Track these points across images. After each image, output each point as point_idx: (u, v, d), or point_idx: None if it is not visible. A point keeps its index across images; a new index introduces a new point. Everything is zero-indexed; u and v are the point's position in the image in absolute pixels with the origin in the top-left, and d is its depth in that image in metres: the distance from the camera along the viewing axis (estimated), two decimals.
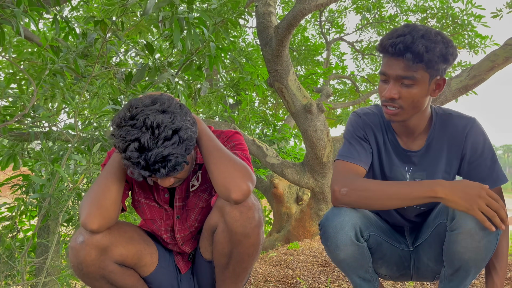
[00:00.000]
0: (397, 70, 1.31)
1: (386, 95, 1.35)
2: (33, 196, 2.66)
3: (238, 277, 1.50)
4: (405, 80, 1.32)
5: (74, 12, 5.76)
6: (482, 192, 1.19)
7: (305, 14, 3.67)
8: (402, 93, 1.33)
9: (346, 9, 8.40)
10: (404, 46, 1.27)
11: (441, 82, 1.36)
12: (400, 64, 1.30)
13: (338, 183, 1.38)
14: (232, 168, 1.31)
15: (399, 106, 1.35)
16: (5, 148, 3.26)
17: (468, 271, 1.30)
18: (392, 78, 1.33)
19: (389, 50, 1.30)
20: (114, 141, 1.22)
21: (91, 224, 1.28)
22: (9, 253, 2.82)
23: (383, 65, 1.36)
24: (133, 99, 1.27)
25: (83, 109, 3.54)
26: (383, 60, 1.37)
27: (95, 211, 1.29)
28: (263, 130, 6.58)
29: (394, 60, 1.31)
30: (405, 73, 1.31)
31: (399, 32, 1.30)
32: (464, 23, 6.77)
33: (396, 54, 1.29)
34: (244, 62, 4.77)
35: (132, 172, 1.23)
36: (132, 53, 4.30)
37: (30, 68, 3.81)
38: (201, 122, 1.42)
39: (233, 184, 1.28)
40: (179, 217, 1.57)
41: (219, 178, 1.30)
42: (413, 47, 1.26)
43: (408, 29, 1.30)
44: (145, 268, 1.50)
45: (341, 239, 1.32)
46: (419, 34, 1.28)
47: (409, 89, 1.33)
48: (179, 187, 1.54)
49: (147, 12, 2.32)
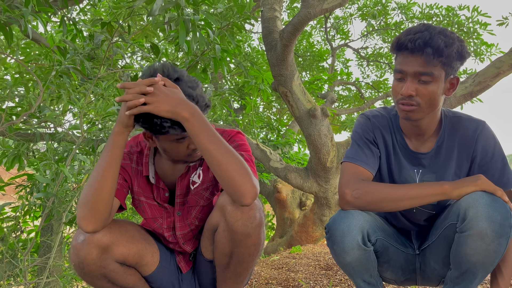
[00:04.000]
0: (415, 67, 1.31)
1: (404, 92, 1.34)
2: (37, 196, 2.68)
3: (239, 277, 1.50)
4: (423, 76, 1.32)
5: (81, 15, 5.82)
6: (484, 177, 1.29)
7: (310, 18, 3.69)
8: (420, 90, 1.33)
9: (352, 15, 8.43)
10: (424, 42, 1.27)
11: (454, 81, 1.37)
12: (418, 60, 1.31)
13: (349, 186, 1.37)
14: (243, 171, 1.27)
15: (417, 103, 1.35)
16: (10, 148, 3.28)
17: (475, 274, 1.28)
18: (409, 75, 1.33)
19: (408, 46, 1.30)
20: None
21: (85, 227, 1.29)
22: (12, 253, 2.83)
23: (399, 63, 1.35)
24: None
25: (88, 110, 3.56)
26: (398, 58, 1.37)
27: (87, 213, 1.29)
28: (267, 135, 6.59)
29: (412, 57, 1.31)
30: (424, 69, 1.31)
31: (416, 29, 1.31)
32: (470, 30, 6.77)
33: (416, 50, 1.29)
34: (249, 66, 4.79)
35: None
36: (138, 56, 4.34)
37: (37, 69, 3.84)
38: (200, 115, 1.29)
39: (245, 189, 1.26)
40: (180, 213, 1.57)
41: (230, 183, 1.26)
42: (433, 42, 1.27)
43: (424, 26, 1.32)
44: (146, 267, 1.50)
45: (348, 243, 1.32)
46: (437, 30, 1.29)
47: (427, 85, 1.33)
48: (180, 184, 1.54)
49: (154, 13, 2.34)
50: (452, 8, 6.94)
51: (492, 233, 1.19)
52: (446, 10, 6.98)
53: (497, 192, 1.24)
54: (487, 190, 1.25)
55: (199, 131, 1.25)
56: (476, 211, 1.21)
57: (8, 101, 3.29)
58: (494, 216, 1.19)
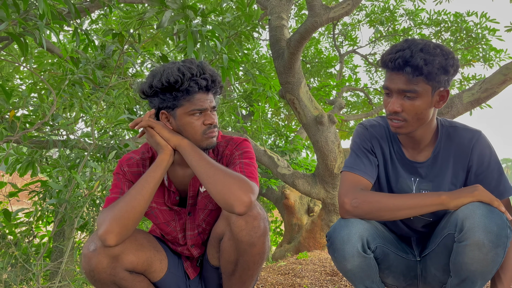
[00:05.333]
0: (398, 84, 1.35)
1: (389, 108, 1.39)
2: (50, 202, 2.74)
3: (244, 283, 1.54)
4: (407, 93, 1.35)
5: (93, 25, 5.94)
6: (481, 187, 1.30)
7: (316, 27, 3.74)
8: (405, 106, 1.37)
9: (360, 22, 8.44)
10: (403, 61, 1.31)
11: (444, 94, 1.39)
12: (401, 78, 1.34)
13: (348, 195, 1.41)
14: (229, 182, 1.34)
15: (403, 118, 1.39)
16: (24, 155, 3.37)
17: (475, 282, 1.31)
18: (394, 92, 1.37)
19: (389, 65, 1.34)
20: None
21: (109, 241, 1.33)
22: (25, 258, 2.90)
23: (386, 79, 1.40)
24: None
25: (99, 118, 3.64)
26: (385, 74, 1.41)
27: (116, 229, 1.33)
28: (275, 141, 6.62)
29: (395, 75, 1.36)
30: (406, 87, 1.34)
31: (398, 47, 1.35)
32: (479, 36, 6.75)
33: (396, 69, 1.34)
34: (256, 74, 4.85)
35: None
36: (148, 64, 4.42)
37: (50, 78, 3.94)
38: (189, 142, 1.47)
39: (233, 198, 1.32)
40: (191, 214, 1.62)
41: (219, 195, 1.34)
42: (412, 61, 1.30)
43: (407, 44, 1.35)
44: (155, 274, 1.54)
45: (348, 250, 1.35)
46: (418, 48, 1.32)
47: (412, 101, 1.36)
48: (192, 185, 1.58)
49: (163, 25, 2.41)
50: (460, 14, 6.92)
51: (489, 243, 1.22)
52: (454, 16, 6.97)
53: (494, 203, 1.27)
54: (484, 201, 1.27)
55: (189, 152, 1.44)
56: (473, 221, 1.24)
57: (23, 109, 3.39)
58: (491, 227, 1.22)
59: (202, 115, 1.48)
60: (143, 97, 1.53)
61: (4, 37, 3.68)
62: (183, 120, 1.47)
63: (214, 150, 1.60)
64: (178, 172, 1.59)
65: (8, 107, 2.93)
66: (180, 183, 1.61)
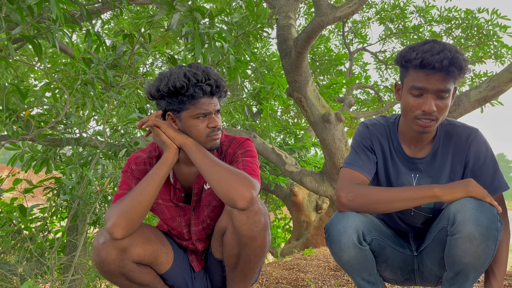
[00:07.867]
0: (436, 84, 1.38)
1: (427, 109, 1.40)
2: (64, 198, 2.84)
3: (246, 276, 1.62)
4: (442, 92, 1.39)
5: (105, 25, 6.05)
6: (474, 182, 1.33)
7: (323, 26, 3.78)
8: (438, 105, 1.41)
9: (370, 19, 8.42)
10: (449, 61, 1.34)
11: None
12: (439, 78, 1.37)
13: (344, 189, 1.47)
14: (232, 179, 1.41)
15: (435, 117, 1.42)
16: (39, 152, 3.47)
17: (468, 275, 1.35)
18: (431, 92, 1.40)
19: (435, 66, 1.35)
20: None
21: (116, 234, 1.41)
22: (40, 252, 3.00)
23: (419, 80, 1.40)
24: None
25: (111, 116, 3.73)
26: (415, 75, 1.41)
27: (123, 223, 1.41)
28: (284, 139, 6.67)
29: (435, 75, 1.38)
30: (443, 87, 1.38)
31: (437, 49, 1.36)
32: (490, 33, 6.70)
33: (442, 69, 1.35)
34: (265, 73, 4.91)
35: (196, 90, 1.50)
36: (159, 63, 4.51)
37: (64, 78, 4.05)
38: (193, 141, 1.54)
39: (236, 194, 1.38)
40: (195, 210, 1.69)
41: (222, 191, 1.41)
42: (457, 62, 1.34)
43: (438, 45, 1.37)
44: (161, 266, 1.62)
45: (344, 242, 1.40)
46: (452, 48, 1.36)
47: (444, 100, 1.41)
48: (196, 183, 1.66)
49: (171, 27, 2.49)
50: (471, 11, 6.87)
51: (479, 236, 1.26)
52: (465, 13, 6.93)
53: (486, 199, 1.31)
54: (476, 197, 1.31)
55: (194, 150, 1.51)
56: (464, 215, 1.28)
57: (37, 108, 3.50)
58: (481, 220, 1.26)
59: (206, 118, 1.55)
60: (151, 99, 1.61)
61: (18, 38, 3.79)
62: (188, 122, 1.55)
63: (218, 149, 1.67)
64: (183, 170, 1.66)
65: (24, 106, 3.04)
66: (185, 181, 1.68)
